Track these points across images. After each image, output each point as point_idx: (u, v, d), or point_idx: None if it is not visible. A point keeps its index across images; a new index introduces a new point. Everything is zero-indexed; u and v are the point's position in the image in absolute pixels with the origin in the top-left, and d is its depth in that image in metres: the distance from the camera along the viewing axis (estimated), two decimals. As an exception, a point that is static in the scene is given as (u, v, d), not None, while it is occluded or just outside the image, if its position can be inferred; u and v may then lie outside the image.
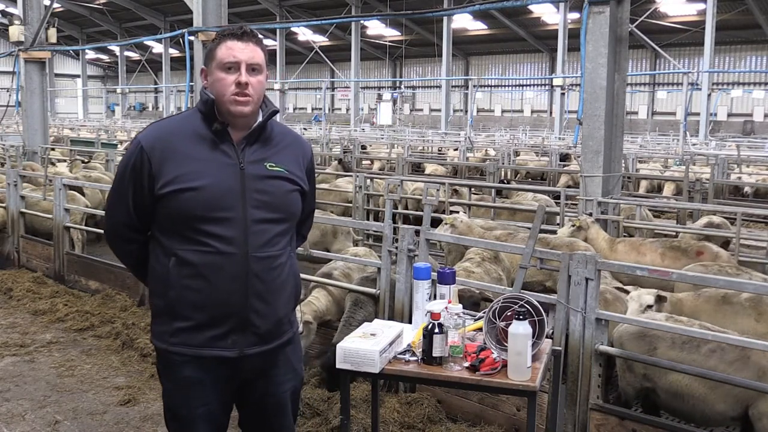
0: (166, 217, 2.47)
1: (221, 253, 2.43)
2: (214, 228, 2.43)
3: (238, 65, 2.45)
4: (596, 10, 7.01)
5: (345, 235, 8.14)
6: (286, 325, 2.62)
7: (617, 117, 7.30)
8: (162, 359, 2.57)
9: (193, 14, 9.87)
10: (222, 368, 2.51)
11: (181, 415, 2.56)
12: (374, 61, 50.29)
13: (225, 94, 2.45)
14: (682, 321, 4.21)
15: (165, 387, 2.60)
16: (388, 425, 4.38)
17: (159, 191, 2.43)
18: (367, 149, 20.48)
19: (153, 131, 2.53)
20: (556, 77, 30.26)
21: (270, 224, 2.51)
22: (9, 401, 4.96)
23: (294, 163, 2.61)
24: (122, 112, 51.02)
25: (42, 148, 13.32)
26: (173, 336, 2.49)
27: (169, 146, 2.46)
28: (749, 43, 36.57)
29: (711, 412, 3.98)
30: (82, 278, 7.83)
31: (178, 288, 2.45)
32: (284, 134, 2.66)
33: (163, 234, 2.50)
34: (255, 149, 2.53)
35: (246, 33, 2.49)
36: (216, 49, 2.48)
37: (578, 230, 6.65)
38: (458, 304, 2.98)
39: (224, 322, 2.46)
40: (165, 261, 2.48)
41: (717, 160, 14.61)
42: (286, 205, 2.57)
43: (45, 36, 12.86)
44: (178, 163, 2.43)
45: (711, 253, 6.03)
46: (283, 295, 2.57)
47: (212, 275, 2.43)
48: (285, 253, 2.57)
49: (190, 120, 2.53)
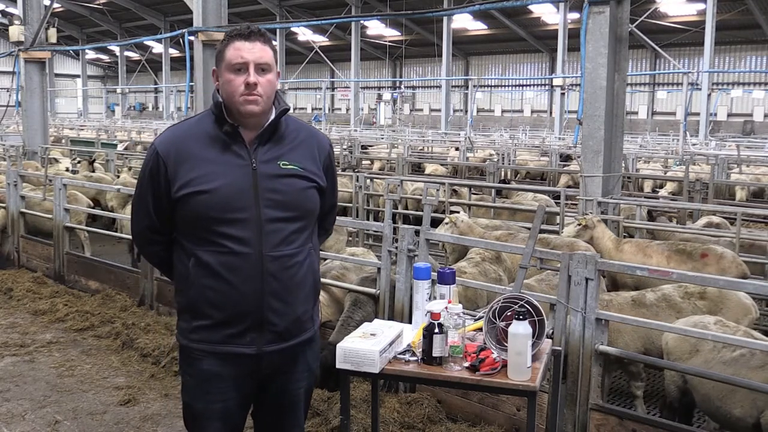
0: (183, 219, 2.52)
1: (236, 254, 2.46)
2: (229, 229, 2.45)
3: (247, 66, 2.45)
4: (596, 10, 7.01)
5: (337, 232, 8.05)
6: (307, 322, 2.64)
7: (617, 117, 7.30)
8: (183, 355, 2.62)
9: (193, 14, 9.87)
10: (241, 365, 2.53)
11: (198, 409, 2.58)
12: (374, 61, 50.27)
13: (235, 95, 2.46)
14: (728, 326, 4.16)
15: (185, 382, 2.63)
16: (388, 425, 4.38)
17: (175, 195, 2.48)
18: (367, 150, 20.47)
19: (168, 136, 2.57)
20: (556, 77, 30.25)
21: (284, 223, 2.51)
22: (9, 401, 4.96)
23: (309, 159, 2.60)
24: (122, 112, 50.99)
25: (42, 148, 13.33)
26: (193, 333, 2.54)
27: (183, 150, 2.49)
28: (749, 43, 36.55)
29: (731, 417, 3.91)
30: (82, 278, 7.83)
31: (198, 287, 2.50)
32: (299, 130, 2.65)
33: (182, 236, 2.55)
34: (268, 148, 2.53)
35: (253, 32, 2.49)
36: (224, 50, 2.49)
37: (584, 229, 6.64)
38: (458, 304, 2.98)
39: (241, 321, 2.49)
40: (186, 261, 2.53)
41: (717, 160, 14.60)
42: (301, 202, 2.56)
43: (45, 36, 12.88)
44: (191, 166, 2.47)
45: (715, 255, 6.03)
46: (302, 293, 2.58)
47: (228, 275, 2.46)
48: (303, 251, 2.58)
49: (203, 123, 2.56)
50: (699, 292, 4.89)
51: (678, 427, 4.00)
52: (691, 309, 4.80)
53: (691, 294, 4.90)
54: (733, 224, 7.27)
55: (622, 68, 7.27)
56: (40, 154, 13.20)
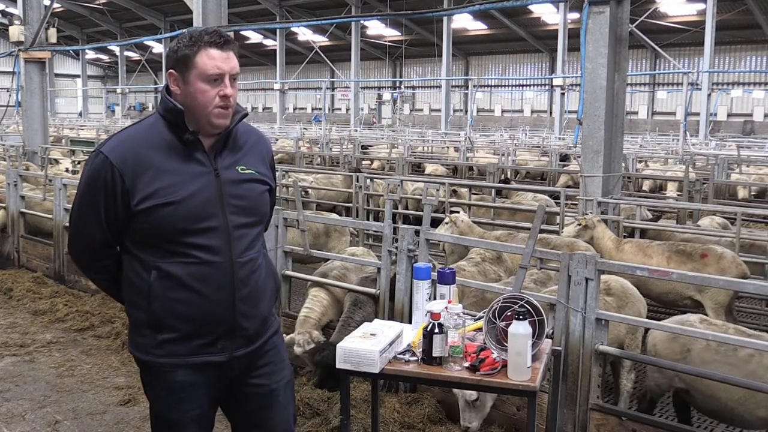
0: (143, 231, 2.41)
1: (207, 263, 2.42)
2: (199, 239, 2.41)
3: (223, 77, 2.40)
4: (596, 10, 7.01)
5: (339, 233, 8.07)
6: (270, 320, 2.66)
7: (617, 117, 7.29)
8: (148, 370, 2.53)
9: (193, 14, 9.85)
10: (212, 371, 2.51)
11: (173, 420, 2.53)
12: (374, 61, 50.27)
13: (208, 107, 2.40)
14: (715, 325, 4.17)
15: (154, 395, 2.56)
16: (388, 425, 4.38)
17: (136, 207, 2.36)
18: (368, 150, 20.47)
19: (119, 144, 2.42)
20: (556, 77, 30.22)
21: (248, 228, 2.52)
22: (9, 401, 4.96)
23: (261, 162, 2.61)
24: (122, 112, 50.99)
25: (42, 148, 13.33)
26: (158, 348, 2.46)
27: (141, 160, 2.37)
28: (749, 43, 36.55)
29: (751, 417, 3.90)
30: (82, 278, 7.81)
31: (163, 300, 2.41)
32: (248, 134, 2.63)
33: (139, 248, 2.45)
34: (226, 154, 2.51)
35: (227, 41, 2.42)
36: (195, 56, 2.37)
37: (584, 229, 6.62)
38: (458, 304, 2.98)
39: (213, 330, 2.46)
40: (144, 274, 2.43)
41: (717, 160, 14.60)
42: (260, 206, 2.58)
43: (45, 36, 12.86)
44: (153, 177, 2.37)
45: (715, 255, 6.03)
46: (266, 295, 2.60)
47: (199, 286, 2.41)
48: (261, 254, 2.60)
49: (155, 129, 2.45)
50: (604, 289, 4.85)
51: (678, 427, 4.00)
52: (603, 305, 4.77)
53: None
54: (733, 224, 7.27)
55: (622, 68, 7.27)
56: (40, 154, 13.19)
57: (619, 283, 5.00)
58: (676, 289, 6.00)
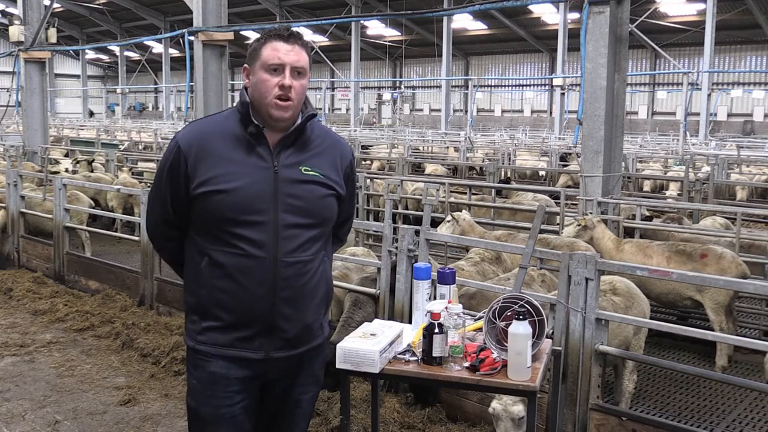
0: (199, 217, 2.47)
1: (250, 256, 2.42)
2: (245, 231, 2.42)
3: (283, 67, 2.42)
4: (596, 10, 7.01)
5: None
6: (316, 330, 2.60)
7: (617, 117, 7.30)
8: (190, 357, 2.57)
9: (193, 14, 9.86)
10: (248, 369, 2.50)
11: (204, 414, 2.52)
12: (374, 61, 50.26)
13: (267, 96, 2.42)
14: None
15: (191, 386, 2.57)
16: (388, 425, 4.38)
17: (193, 192, 2.44)
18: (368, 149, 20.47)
19: (191, 131, 2.52)
20: (556, 77, 30.23)
21: (301, 229, 2.48)
22: (9, 401, 4.96)
23: (331, 167, 2.57)
24: (122, 112, 51.00)
25: (42, 148, 13.33)
26: (200, 334, 2.50)
27: (205, 147, 2.45)
28: (749, 43, 36.54)
29: None
30: (82, 278, 7.83)
31: (209, 287, 2.46)
32: (323, 137, 2.61)
33: (197, 233, 2.51)
34: (291, 152, 2.50)
35: (292, 35, 2.46)
36: (260, 48, 2.45)
37: (584, 229, 6.62)
38: (458, 304, 2.97)
39: (251, 325, 2.46)
40: (198, 260, 2.49)
41: (717, 160, 14.60)
42: (319, 210, 2.53)
43: (45, 36, 12.87)
44: (212, 165, 2.43)
45: (715, 255, 6.02)
46: (313, 301, 2.55)
47: (241, 277, 2.43)
48: (317, 258, 2.55)
49: (228, 120, 2.51)
50: (610, 289, 4.88)
51: (678, 427, 4.00)
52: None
53: (605, 291, 4.90)
54: (734, 224, 7.27)
55: (622, 68, 7.27)
56: (40, 154, 13.19)
57: (624, 284, 5.01)
58: (676, 290, 6.00)
